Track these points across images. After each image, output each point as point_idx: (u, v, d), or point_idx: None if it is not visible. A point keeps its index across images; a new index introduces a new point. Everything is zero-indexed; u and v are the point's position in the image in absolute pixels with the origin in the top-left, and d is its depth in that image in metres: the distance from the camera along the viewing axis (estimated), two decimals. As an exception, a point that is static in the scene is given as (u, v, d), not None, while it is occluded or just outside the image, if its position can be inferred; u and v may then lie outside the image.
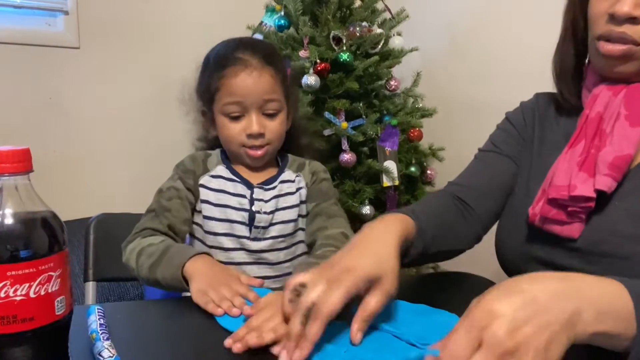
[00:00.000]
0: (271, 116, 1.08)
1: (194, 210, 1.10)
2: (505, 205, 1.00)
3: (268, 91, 1.06)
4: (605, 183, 0.80)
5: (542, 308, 0.54)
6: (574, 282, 0.57)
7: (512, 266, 0.95)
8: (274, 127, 1.08)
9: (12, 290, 0.54)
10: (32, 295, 0.55)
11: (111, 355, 0.62)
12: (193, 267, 0.90)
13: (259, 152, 1.08)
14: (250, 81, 1.04)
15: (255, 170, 1.13)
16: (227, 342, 0.69)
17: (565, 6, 0.95)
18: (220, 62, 1.08)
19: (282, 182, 1.12)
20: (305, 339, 0.64)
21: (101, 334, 0.66)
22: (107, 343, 0.64)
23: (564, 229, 0.84)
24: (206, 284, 0.85)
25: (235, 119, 1.06)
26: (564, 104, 0.96)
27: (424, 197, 1.07)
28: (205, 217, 1.08)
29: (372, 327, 0.70)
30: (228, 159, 1.14)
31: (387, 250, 0.75)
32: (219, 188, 1.09)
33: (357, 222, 1.87)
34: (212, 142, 1.18)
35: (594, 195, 0.81)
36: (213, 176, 1.10)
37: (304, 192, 1.14)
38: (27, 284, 0.55)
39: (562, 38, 0.96)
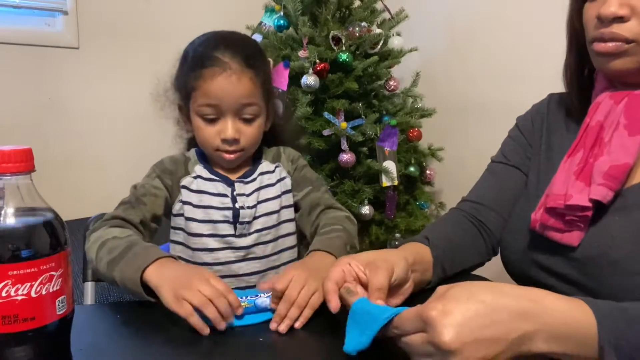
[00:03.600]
0: (248, 121, 1.03)
1: (170, 213, 1.07)
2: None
3: (246, 96, 1.01)
4: (600, 193, 0.80)
5: (494, 323, 0.56)
6: (539, 304, 0.58)
7: (515, 269, 0.95)
8: (250, 133, 1.04)
9: (13, 289, 0.54)
10: (33, 294, 0.55)
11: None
12: (157, 272, 0.82)
13: (232, 157, 1.04)
14: (227, 85, 0.99)
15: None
16: (272, 325, 0.76)
17: (567, 17, 0.96)
18: (198, 60, 1.02)
19: (262, 173, 1.10)
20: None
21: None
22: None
23: (564, 237, 0.84)
24: (179, 286, 0.78)
25: (211, 121, 1.02)
26: (574, 112, 0.97)
27: (437, 219, 1.08)
28: (188, 219, 1.05)
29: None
30: (205, 158, 1.11)
31: (388, 251, 0.82)
32: (199, 189, 1.06)
33: (356, 222, 1.87)
34: (191, 139, 1.15)
35: (589, 204, 0.80)
36: (194, 177, 1.07)
37: (286, 182, 1.12)
38: (29, 284, 0.55)
39: (568, 48, 0.97)
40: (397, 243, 1.94)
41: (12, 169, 0.55)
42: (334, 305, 0.70)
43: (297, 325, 0.76)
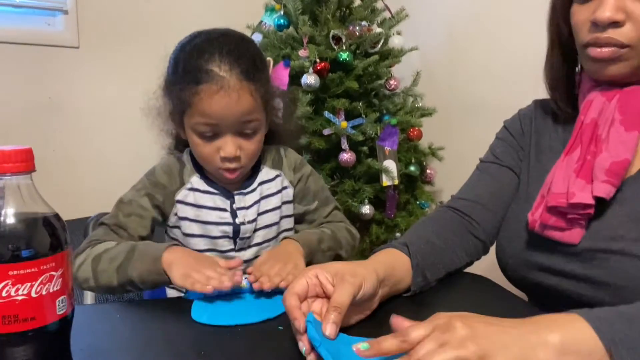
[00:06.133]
0: (248, 136, 0.97)
1: (167, 226, 1.05)
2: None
3: (247, 112, 0.94)
4: (604, 190, 0.80)
5: (503, 332, 0.57)
6: (539, 331, 0.58)
7: (514, 273, 0.94)
8: (250, 148, 0.98)
9: (13, 289, 0.54)
10: (33, 295, 0.55)
11: None
12: (170, 257, 0.88)
13: (234, 176, 0.99)
14: (226, 104, 0.91)
15: None
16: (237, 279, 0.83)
17: (548, 17, 0.95)
18: (193, 74, 0.93)
19: (262, 183, 1.05)
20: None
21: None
22: None
23: (564, 235, 0.84)
24: (188, 268, 0.85)
25: (208, 138, 0.96)
26: (559, 113, 0.96)
27: (423, 217, 1.06)
28: (185, 235, 1.02)
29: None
30: (201, 167, 1.04)
31: (359, 264, 0.78)
32: (196, 203, 1.01)
33: (356, 221, 1.87)
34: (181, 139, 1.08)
35: (592, 202, 0.80)
36: (190, 189, 1.02)
37: (288, 192, 1.08)
38: (29, 284, 0.55)
39: (549, 49, 0.96)
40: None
41: (13, 169, 0.54)
42: (299, 323, 0.65)
43: (267, 286, 0.83)
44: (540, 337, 0.56)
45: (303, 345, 0.63)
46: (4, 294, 0.54)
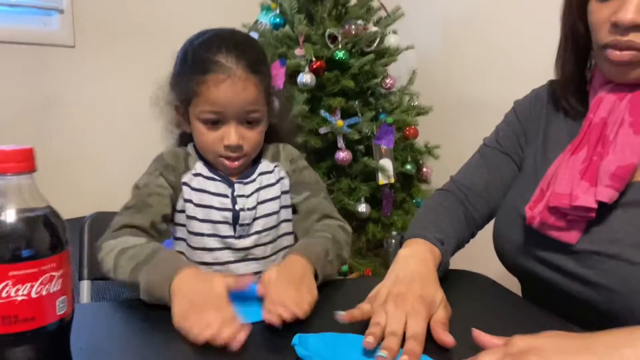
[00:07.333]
0: (251, 124, 1.02)
1: (174, 210, 1.05)
2: (506, 197, 1.00)
3: (251, 103, 0.99)
4: (607, 194, 0.79)
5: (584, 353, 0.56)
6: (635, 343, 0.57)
7: (509, 258, 0.95)
8: (253, 138, 1.02)
9: (13, 290, 0.54)
10: (33, 295, 0.55)
11: None
12: (178, 282, 0.81)
13: (236, 164, 1.03)
14: (232, 93, 0.96)
15: None
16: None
17: (562, 12, 0.92)
18: (200, 64, 0.98)
19: (261, 174, 1.08)
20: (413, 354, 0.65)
21: None
22: None
23: (562, 235, 0.83)
24: (191, 309, 0.76)
25: (213, 125, 1.00)
26: (569, 110, 0.94)
27: (435, 204, 1.05)
28: (189, 217, 1.03)
29: None
30: (204, 158, 1.07)
31: (434, 278, 0.81)
32: (200, 187, 1.04)
33: (352, 220, 1.88)
34: (183, 134, 1.12)
35: (595, 206, 0.79)
36: (194, 174, 1.05)
37: (285, 182, 1.11)
38: (29, 284, 0.54)
39: (562, 45, 0.93)
40: (393, 241, 1.94)
41: (14, 168, 0.54)
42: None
43: (287, 317, 0.76)
44: (637, 350, 0.55)
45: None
46: (3, 294, 0.54)
